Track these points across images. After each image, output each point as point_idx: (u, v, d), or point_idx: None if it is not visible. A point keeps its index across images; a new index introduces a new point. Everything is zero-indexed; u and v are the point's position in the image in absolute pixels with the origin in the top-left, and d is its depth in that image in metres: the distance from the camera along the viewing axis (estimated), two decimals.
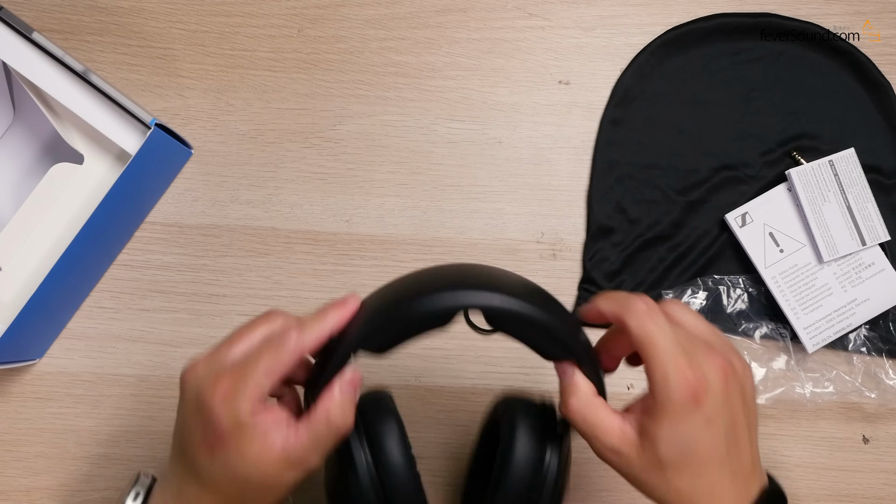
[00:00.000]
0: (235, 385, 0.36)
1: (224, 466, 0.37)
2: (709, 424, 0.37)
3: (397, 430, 0.42)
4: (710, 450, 0.37)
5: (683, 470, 0.37)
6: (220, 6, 0.66)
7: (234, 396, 0.36)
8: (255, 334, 0.39)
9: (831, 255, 0.61)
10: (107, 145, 0.61)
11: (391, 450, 0.41)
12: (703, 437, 0.37)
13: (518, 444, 0.42)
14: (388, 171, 0.64)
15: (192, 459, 0.38)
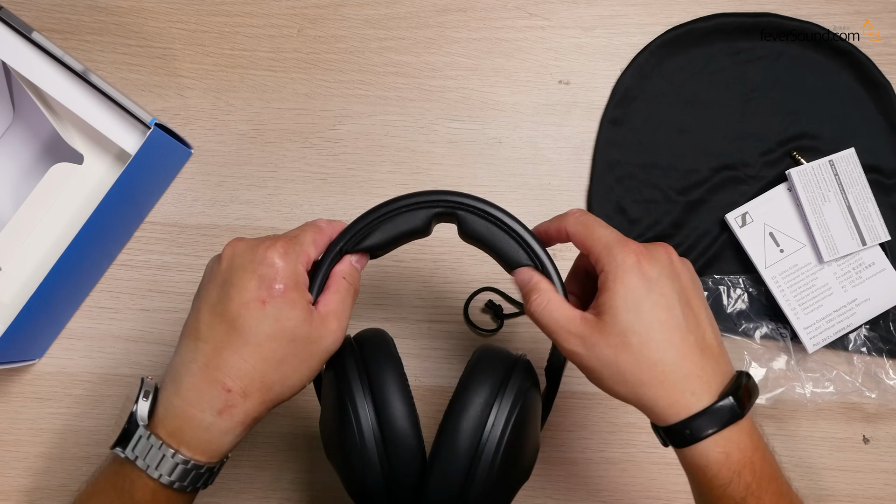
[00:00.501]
0: (291, 245, 0.41)
1: (276, 319, 0.39)
2: (658, 288, 0.39)
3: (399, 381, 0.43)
4: (667, 315, 0.38)
5: (649, 339, 0.38)
6: (220, 6, 0.66)
7: (292, 253, 0.40)
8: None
9: (831, 255, 0.61)
10: (106, 145, 0.61)
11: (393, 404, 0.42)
12: (656, 300, 0.38)
13: (458, 400, 0.42)
14: (388, 171, 0.64)
15: (234, 318, 0.39)
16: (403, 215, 0.44)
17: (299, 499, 0.59)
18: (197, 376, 0.39)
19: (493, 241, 0.43)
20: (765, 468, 0.39)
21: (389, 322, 0.61)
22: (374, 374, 0.42)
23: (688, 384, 0.38)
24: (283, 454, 0.60)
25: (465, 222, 0.44)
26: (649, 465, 0.60)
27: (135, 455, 0.39)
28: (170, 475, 0.39)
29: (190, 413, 0.39)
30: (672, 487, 0.60)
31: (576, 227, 0.42)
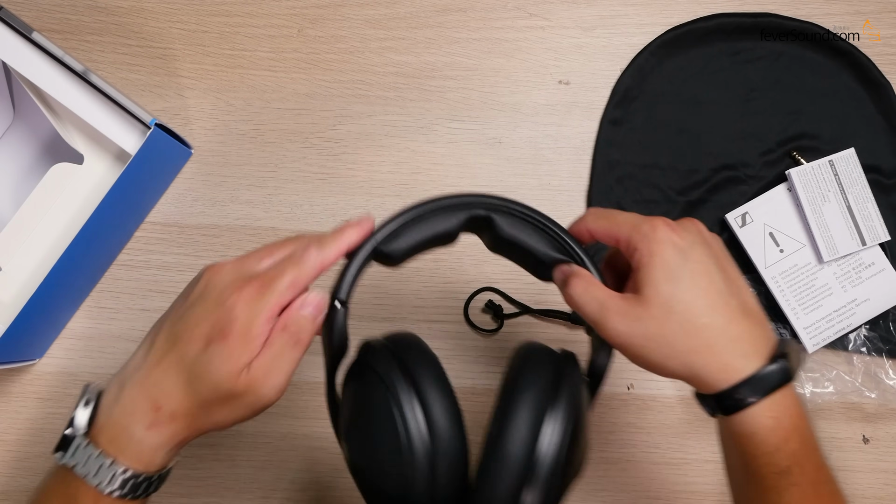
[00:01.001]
0: (261, 292, 0.38)
1: (209, 364, 0.38)
2: (694, 255, 0.38)
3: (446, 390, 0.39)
4: (707, 281, 0.38)
5: (693, 305, 0.37)
6: (220, 6, 0.66)
7: (258, 303, 0.38)
8: (280, 251, 0.41)
9: (831, 255, 0.61)
10: (107, 145, 0.61)
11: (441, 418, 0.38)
12: (693, 268, 0.38)
13: (509, 413, 0.38)
14: (388, 171, 0.64)
15: (180, 345, 0.38)
16: (431, 220, 0.42)
17: (299, 499, 0.59)
18: (136, 387, 0.39)
19: (529, 242, 0.42)
20: (809, 436, 0.38)
21: (389, 322, 0.61)
22: (419, 377, 0.38)
23: (738, 347, 0.38)
24: (284, 454, 0.60)
25: (500, 226, 0.42)
26: (649, 465, 0.60)
27: (74, 462, 0.38)
28: (109, 483, 0.38)
29: (124, 423, 0.38)
30: (672, 487, 0.60)
31: (596, 220, 0.42)
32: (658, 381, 0.61)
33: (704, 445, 0.60)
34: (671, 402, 0.61)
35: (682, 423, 0.61)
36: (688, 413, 0.61)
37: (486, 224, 0.42)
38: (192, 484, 0.60)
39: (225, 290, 0.39)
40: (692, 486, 0.60)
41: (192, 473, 0.60)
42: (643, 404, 0.61)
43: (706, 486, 0.60)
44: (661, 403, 0.61)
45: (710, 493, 0.60)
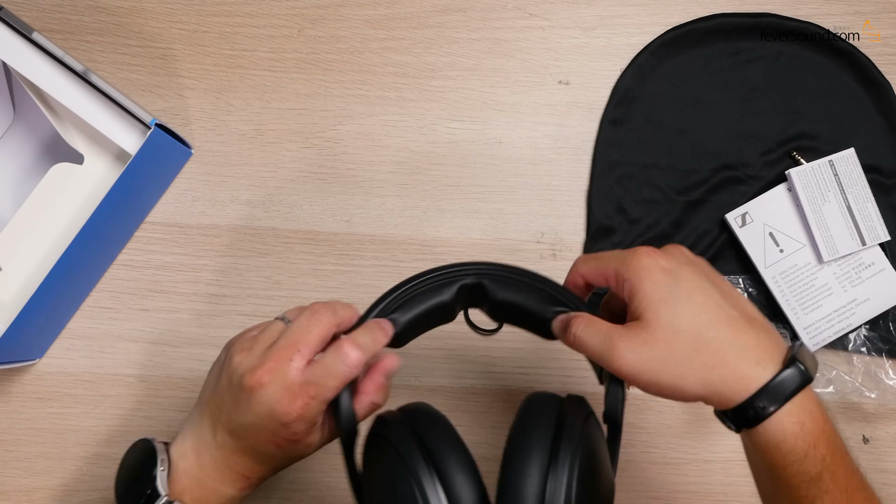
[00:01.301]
0: (309, 404, 0.40)
1: (285, 452, 0.42)
2: (683, 275, 0.39)
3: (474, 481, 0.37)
4: (703, 296, 0.38)
5: (696, 322, 0.37)
6: (220, 6, 0.66)
7: (308, 413, 0.40)
8: (303, 344, 0.41)
9: (831, 255, 0.61)
10: (107, 145, 0.61)
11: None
12: (686, 287, 0.38)
13: (511, 472, 0.37)
14: (388, 171, 0.64)
15: (253, 446, 0.42)
16: (427, 291, 0.43)
17: (299, 499, 0.59)
18: (219, 461, 0.43)
19: (524, 302, 0.42)
20: (836, 440, 0.38)
21: None
22: (441, 461, 0.37)
23: (750, 355, 0.37)
24: None
25: (493, 292, 0.43)
26: (649, 465, 0.60)
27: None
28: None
29: (213, 486, 0.43)
30: (672, 487, 0.60)
31: (585, 264, 0.43)
32: None
33: (704, 445, 0.60)
34: (671, 402, 0.61)
35: (682, 423, 0.61)
36: (688, 413, 0.61)
37: (480, 293, 0.43)
38: None
39: (276, 410, 0.40)
40: (692, 486, 0.60)
41: None
42: (643, 404, 0.61)
43: (706, 486, 0.60)
44: (661, 403, 0.61)
45: (710, 493, 0.60)
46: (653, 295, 0.38)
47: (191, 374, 0.61)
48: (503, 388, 0.61)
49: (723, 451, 0.60)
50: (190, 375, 0.61)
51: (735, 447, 0.60)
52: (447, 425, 0.39)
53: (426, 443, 0.38)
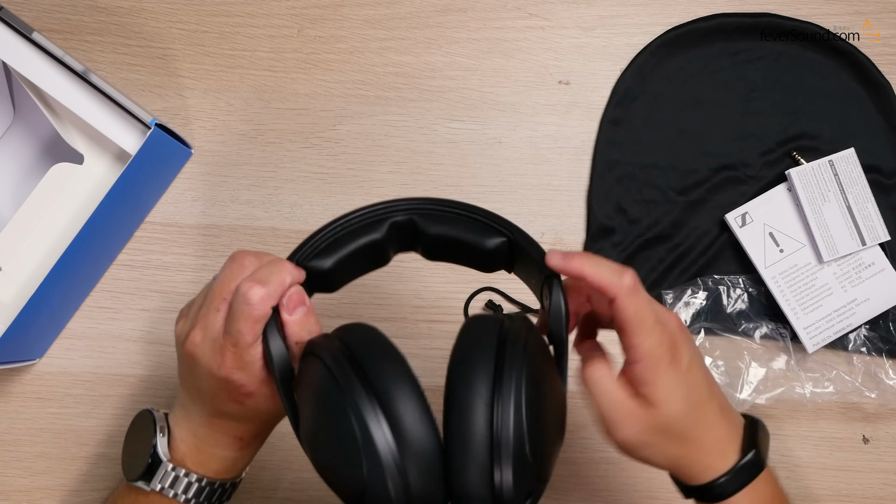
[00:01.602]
0: (235, 353, 0.38)
1: (250, 407, 0.41)
2: (691, 377, 0.40)
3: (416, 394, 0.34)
4: (698, 396, 0.40)
5: (692, 423, 0.40)
6: (220, 6, 0.66)
7: (240, 363, 0.39)
8: (228, 291, 0.39)
9: (831, 255, 0.61)
10: (107, 145, 0.61)
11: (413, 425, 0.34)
12: (691, 388, 0.40)
13: (455, 396, 0.35)
14: (388, 171, 0.64)
15: (220, 408, 0.41)
16: (357, 230, 0.40)
17: (299, 499, 0.59)
18: (206, 427, 0.42)
19: (461, 234, 0.40)
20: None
21: (389, 322, 0.61)
22: (382, 384, 0.34)
23: (719, 448, 0.41)
24: (283, 454, 0.60)
25: (425, 228, 0.40)
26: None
27: (160, 486, 0.42)
28: (199, 497, 0.43)
29: (210, 450, 0.43)
30: (672, 487, 0.60)
31: (626, 309, 0.39)
32: None
33: None
34: None
35: None
36: None
37: (412, 231, 0.40)
38: None
39: (211, 371, 0.39)
40: None
41: None
42: None
43: None
44: None
45: None
46: (667, 393, 0.39)
47: None
48: None
49: None
50: None
51: None
52: (384, 341, 0.37)
53: (358, 358, 0.35)
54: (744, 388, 0.60)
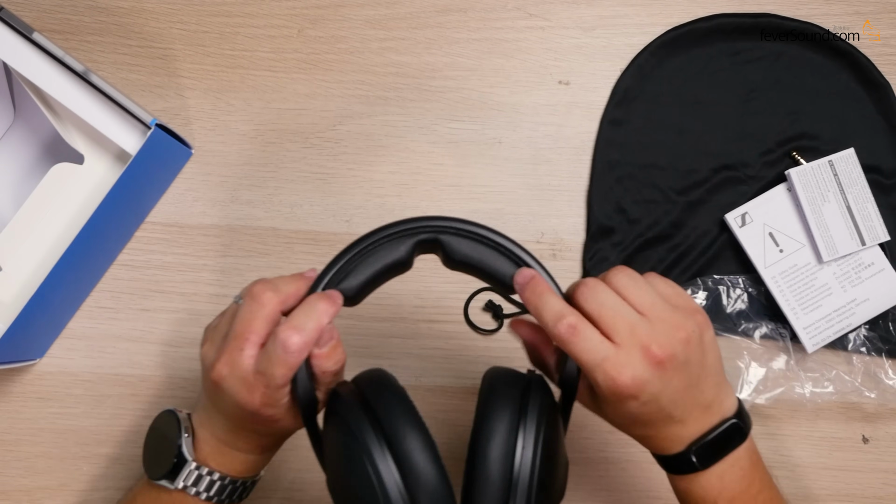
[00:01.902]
0: (265, 393, 0.39)
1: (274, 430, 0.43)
2: (646, 404, 0.39)
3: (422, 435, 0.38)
4: (654, 414, 0.40)
5: (633, 426, 0.42)
6: (220, 6, 0.66)
7: (270, 401, 0.40)
8: (250, 332, 0.40)
9: (831, 255, 0.61)
10: (107, 145, 0.61)
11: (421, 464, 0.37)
12: (644, 410, 0.40)
13: (483, 435, 0.38)
14: (388, 171, 0.64)
15: (244, 427, 0.43)
16: (381, 249, 0.42)
17: (299, 499, 0.59)
18: (229, 434, 0.43)
19: (484, 262, 0.42)
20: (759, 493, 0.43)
21: (389, 322, 0.61)
22: (388, 423, 0.38)
23: (692, 435, 0.41)
24: (283, 454, 0.60)
25: (451, 248, 0.41)
26: (649, 465, 0.60)
27: (184, 484, 0.43)
28: (220, 494, 0.44)
29: (232, 453, 0.44)
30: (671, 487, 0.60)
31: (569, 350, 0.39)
32: None
33: None
34: None
35: None
36: None
37: (437, 246, 0.42)
38: None
39: (240, 404, 0.41)
40: None
41: None
42: None
43: None
44: None
45: None
46: (604, 393, 0.39)
47: (191, 375, 0.61)
48: None
49: None
50: (190, 375, 0.61)
51: None
52: (397, 390, 0.40)
53: (376, 412, 0.38)
54: (743, 388, 0.60)
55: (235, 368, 0.39)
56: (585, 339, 0.38)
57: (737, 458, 0.42)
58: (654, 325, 0.39)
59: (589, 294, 0.39)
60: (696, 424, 0.41)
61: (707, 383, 0.41)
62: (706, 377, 0.41)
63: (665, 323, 0.39)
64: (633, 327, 0.38)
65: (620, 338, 0.38)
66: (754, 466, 0.43)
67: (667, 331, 0.39)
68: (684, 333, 0.39)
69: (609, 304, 0.39)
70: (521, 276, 0.41)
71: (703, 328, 0.41)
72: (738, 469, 0.42)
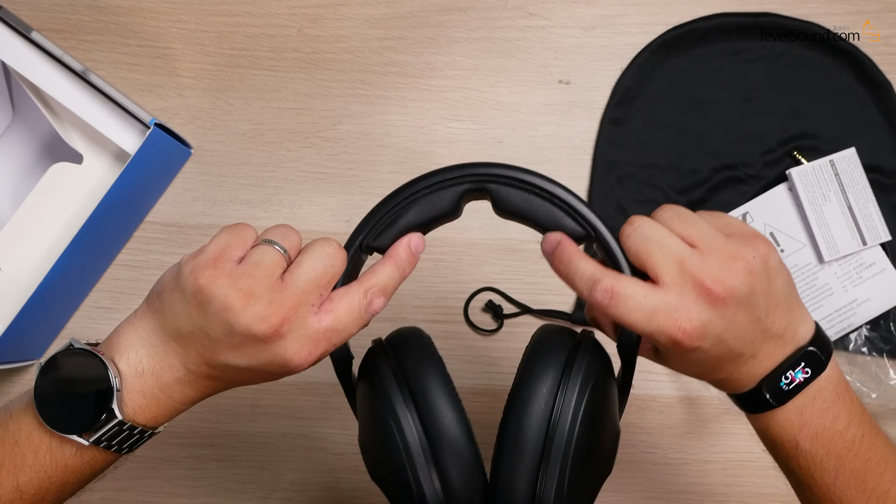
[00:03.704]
0: (328, 349, 0.38)
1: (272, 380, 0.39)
2: (712, 348, 0.36)
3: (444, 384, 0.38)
4: (722, 357, 0.37)
5: (704, 373, 0.39)
6: (219, 5, 0.66)
7: (322, 357, 0.38)
8: (325, 287, 0.38)
9: (832, 254, 0.61)
10: (106, 145, 0.61)
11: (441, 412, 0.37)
12: (711, 355, 0.36)
13: (519, 397, 0.37)
14: (388, 171, 0.64)
15: (235, 378, 0.39)
16: (427, 197, 0.39)
17: (299, 499, 0.59)
18: (185, 385, 0.39)
19: (534, 212, 0.39)
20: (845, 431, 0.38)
21: (390, 322, 0.61)
22: (415, 380, 0.38)
23: (762, 370, 0.38)
24: (283, 454, 0.60)
25: (500, 196, 0.39)
26: (650, 466, 0.60)
27: (100, 440, 0.38)
28: (122, 443, 0.39)
29: (171, 404, 0.39)
30: (672, 487, 0.60)
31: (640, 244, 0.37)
32: (658, 381, 0.61)
33: (704, 445, 0.60)
34: (671, 402, 0.61)
35: (682, 423, 0.61)
36: (688, 413, 0.61)
37: (486, 194, 0.40)
38: (191, 484, 0.60)
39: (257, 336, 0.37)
40: (692, 486, 0.60)
41: (191, 474, 0.60)
42: (643, 404, 0.61)
43: (706, 486, 0.59)
44: (661, 403, 0.61)
45: (710, 493, 0.59)
46: (663, 347, 0.37)
47: None
48: (503, 388, 0.60)
49: (723, 451, 0.60)
50: None
51: (735, 447, 0.60)
52: (428, 353, 0.40)
53: (407, 378, 0.38)
54: None
55: (300, 326, 0.36)
56: (627, 297, 0.35)
57: (818, 389, 0.37)
58: (707, 257, 0.35)
59: (631, 231, 0.36)
60: (768, 358, 0.37)
61: (777, 312, 0.37)
62: (774, 306, 0.37)
63: (719, 253, 0.35)
64: (682, 262, 0.35)
65: (670, 276, 0.35)
66: (840, 398, 0.38)
67: (722, 262, 0.35)
68: (743, 262, 0.35)
69: (655, 237, 0.36)
70: (547, 243, 0.38)
71: (767, 254, 0.36)
72: (819, 402, 0.38)
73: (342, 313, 0.37)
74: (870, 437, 0.38)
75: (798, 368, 0.37)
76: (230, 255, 0.37)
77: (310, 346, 0.37)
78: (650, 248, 0.35)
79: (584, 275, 0.36)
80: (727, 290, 0.35)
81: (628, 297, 0.35)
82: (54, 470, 0.38)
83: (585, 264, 0.37)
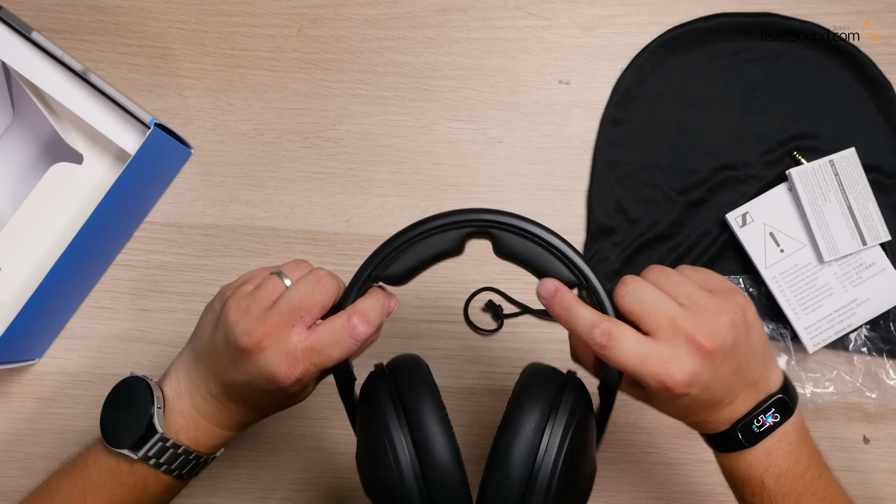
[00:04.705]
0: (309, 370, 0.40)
1: (279, 405, 0.44)
2: (699, 395, 0.39)
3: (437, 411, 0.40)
4: (705, 402, 0.40)
5: (685, 416, 0.42)
6: (219, 5, 0.66)
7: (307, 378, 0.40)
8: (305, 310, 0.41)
9: (832, 254, 0.61)
10: (106, 145, 0.61)
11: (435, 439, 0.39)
12: (697, 401, 0.40)
13: (509, 429, 0.39)
14: (388, 171, 0.64)
15: (246, 399, 0.43)
16: (433, 238, 0.42)
17: (299, 499, 0.59)
18: (213, 407, 0.43)
19: (532, 259, 0.41)
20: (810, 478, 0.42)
21: (390, 322, 0.61)
22: (410, 405, 0.40)
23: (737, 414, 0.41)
24: (283, 454, 0.60)
25: (501, 240, 0.42)
26: (650, 466, 0.60)
27: (147, 455, 0.42)
28: (182, 469, 0.44)
29: (208, 427, 0.44)
30: (672, 487, 0.60)
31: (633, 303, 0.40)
32: None
33: (704, 446, 0.60)
34: None
35: (682, 423, 0.60)
36: None
37: (487, 236, 0.42)
38: (191, 484, 0.60)
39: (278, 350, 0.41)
40: (692, 486, 0.60)
41: None
42: (643, 405, 0.61)
43: (706, 487, 0.59)
44: None
45: (711, 493, 0.59)
46: (652, 390, 0.39)
47: None
48: (503, 388, 0.61)
49: None
50: None
51: None
52: (425, 381, 0.42)
53: (404, 403, 0.40)
54: None
55: (282, 342, 0.39)
56: (622, 340, 0.38)
57: (784, 433, 0.41)
58: (696, 314, 0.38)
59: (626, 292, 0.39)
60: (743, 403, 0.41)
61: (754, 362, 0.40)
62: (752, 356, 0.40)
63: (706, 310, 0.38)
64: (674, 320, 0.38)
65: (663, 332, 0.38)
66: (802, 442, 0.42)
67: (710, 318, 0.38)
68: (728, 317, 0.38)
69: (647, 298, 0.38)
70: (544, 289, 0.41)
71: (745, 307, 0.40)
72: (784, 445, 0.41)
73: (324, 334, 0.40)
74: (825, 478, 0.42)
75: (769, 413, 0.41)
76: (252, 282, 0.43)
77: (289, 361, 0.39)
78: (644, 309, 0.38)
79: (583, 320, 0.39)
80: (716, 343, 0.38)
81: (623, 339, 0.38)
82: (113, 487, 0.43)
83: (584, 311, 0.39)
